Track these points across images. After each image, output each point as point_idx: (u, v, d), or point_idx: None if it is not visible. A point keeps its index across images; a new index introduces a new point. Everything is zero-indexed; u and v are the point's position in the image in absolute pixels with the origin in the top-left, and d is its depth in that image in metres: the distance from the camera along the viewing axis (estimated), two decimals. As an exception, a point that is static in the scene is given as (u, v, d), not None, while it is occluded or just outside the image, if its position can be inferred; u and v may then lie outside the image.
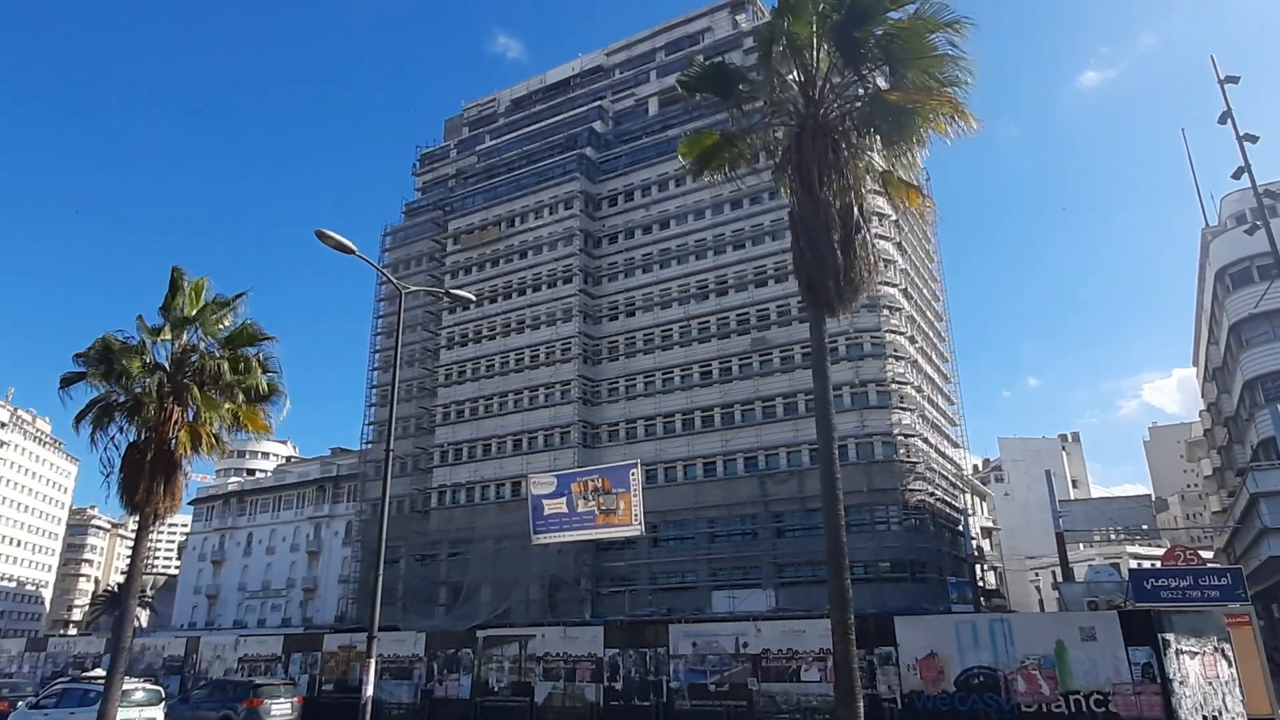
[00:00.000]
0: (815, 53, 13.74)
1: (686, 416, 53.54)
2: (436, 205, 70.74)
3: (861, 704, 12.03)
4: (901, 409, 48.57)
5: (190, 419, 18.92)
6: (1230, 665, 18.40)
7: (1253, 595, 27.61)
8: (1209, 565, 31.41)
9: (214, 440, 18.98)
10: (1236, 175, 22.03)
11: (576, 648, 23.38)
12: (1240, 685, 18.45)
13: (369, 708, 15.81)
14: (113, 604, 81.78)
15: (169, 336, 19.36)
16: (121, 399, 18.99)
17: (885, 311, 49.94)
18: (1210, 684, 17.64)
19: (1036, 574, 71.10)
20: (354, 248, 15.51)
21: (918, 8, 12.72)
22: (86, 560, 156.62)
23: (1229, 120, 21.71)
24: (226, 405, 19.21)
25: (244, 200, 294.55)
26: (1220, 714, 17.43)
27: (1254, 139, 21.59)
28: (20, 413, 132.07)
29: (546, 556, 49.45)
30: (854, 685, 11.94)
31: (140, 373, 18.55)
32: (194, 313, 19.43)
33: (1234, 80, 21.92)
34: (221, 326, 19.82)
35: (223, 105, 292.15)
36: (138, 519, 19.02)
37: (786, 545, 48.05)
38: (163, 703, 23.80)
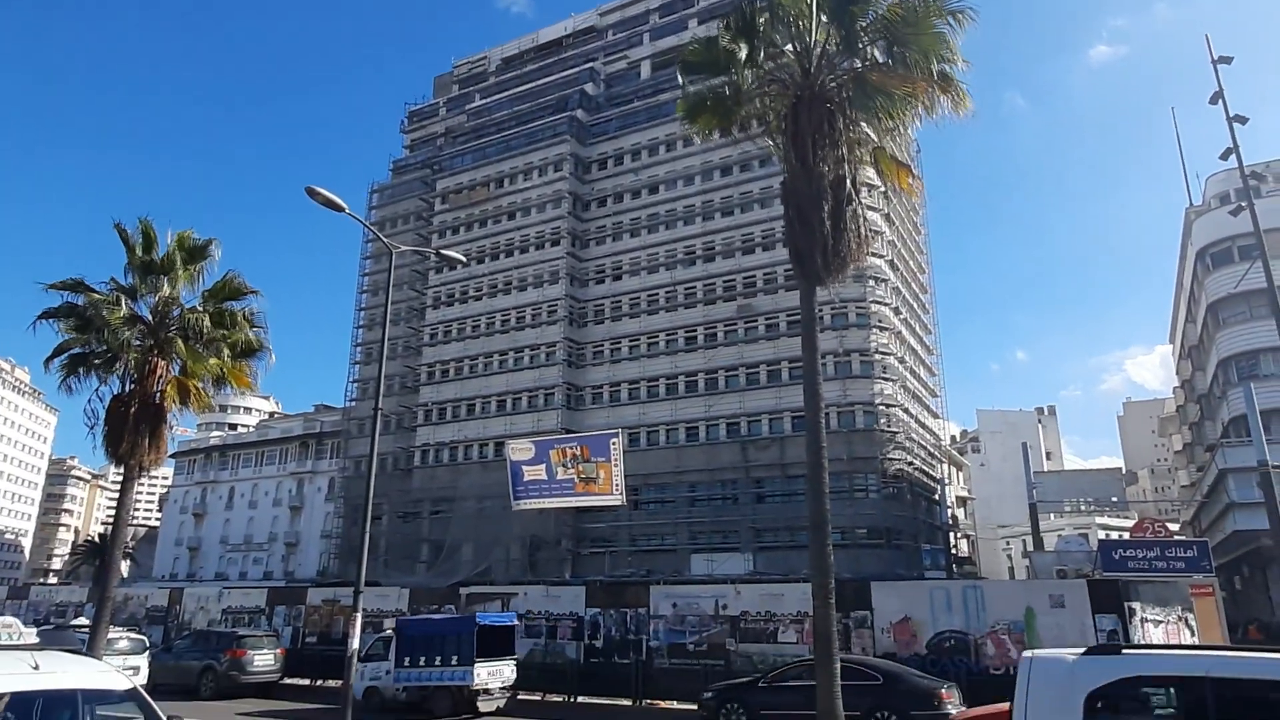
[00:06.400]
0: (812, 23, 13.65)
1: (670, 381, 53.83)
2: (425, 164, 69.94)
3: (838, 664, 12.41)
4: (884, 379, 49.07)
5: (176, 373, 18.86)
6: (1193, 634, 19.03)
7: (1217, 567, 28.47)
8: (1176, 538, 32.22)
9: (201, 395, 18.94)
10: (1224, 156, 22.12)
11: (558, 606, 23.82)
12: (1200, 653, 19.01)
13: (354, 660, 16.08)
14: (93, 554, 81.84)
15: (144, 291, 19.01)
16: (100, 349, 18.70)
17: (871, 282, 50.16)
18: (1172, 651, 18.18)
19: (1008, 543, 72.67)
20: (345, 205, 15.40)
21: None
22: (66, 510, 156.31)
23: (1220, 100, 21.78)
24: (212, 360, 19.12)
25: (224, 151, 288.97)
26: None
27: (1243, 120, 21.64)
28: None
29: (528, 517, 49.65)
30: (833, 647, 12.33)
31: (120, 325, 18.20)
32: (161, 258, 18.91)
33: (1227, 60, 21.90)
34: (197, 276, 19.39)
35: (204, 45, 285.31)
36: (122, 471, 19.02)
37: (766, 511, 48.75)
38: (146, 652, 24.01)
